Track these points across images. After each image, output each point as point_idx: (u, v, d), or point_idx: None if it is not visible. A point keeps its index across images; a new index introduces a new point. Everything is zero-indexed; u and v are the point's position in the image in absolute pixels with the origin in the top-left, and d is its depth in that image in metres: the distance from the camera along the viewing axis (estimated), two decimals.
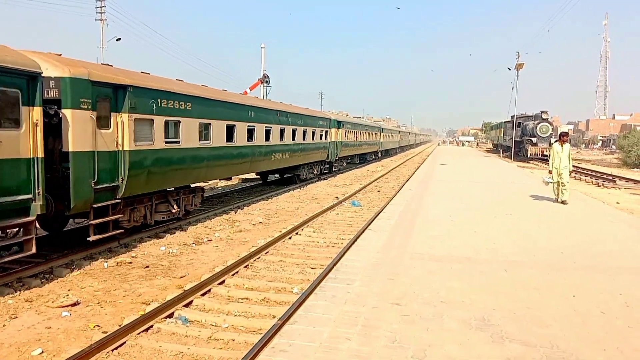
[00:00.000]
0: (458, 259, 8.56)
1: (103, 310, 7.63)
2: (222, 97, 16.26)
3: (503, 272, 7.79)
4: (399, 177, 30.58)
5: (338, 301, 6.38)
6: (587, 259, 8.71)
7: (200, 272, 9.62)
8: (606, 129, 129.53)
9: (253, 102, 19.33)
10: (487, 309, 6.14)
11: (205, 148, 14.50)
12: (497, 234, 10.63)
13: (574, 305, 6.35)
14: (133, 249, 11.20)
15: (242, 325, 7.08)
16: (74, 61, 10.00)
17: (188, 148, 13.46)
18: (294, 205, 18.54)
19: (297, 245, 12.00)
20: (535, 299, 6.56)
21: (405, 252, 8.99)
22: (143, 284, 8.94)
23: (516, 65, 48.39)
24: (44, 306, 7.67)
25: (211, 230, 13.54)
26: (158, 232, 12.80)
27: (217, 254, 11.21)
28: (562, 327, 5.61)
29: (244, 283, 8.95)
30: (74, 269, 9.56)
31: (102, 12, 43.75)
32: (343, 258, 8.77)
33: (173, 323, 7.08)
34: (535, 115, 49.76)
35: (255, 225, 14.48)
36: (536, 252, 9.07)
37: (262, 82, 46.95)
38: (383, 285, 7.06)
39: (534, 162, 45.49)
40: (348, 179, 29.78)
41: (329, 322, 5.68)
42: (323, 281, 7.46)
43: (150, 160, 11.79)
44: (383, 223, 11.83)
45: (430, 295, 6.66)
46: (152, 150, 11.85)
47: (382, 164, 45.92)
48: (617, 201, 19.39)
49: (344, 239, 12.32)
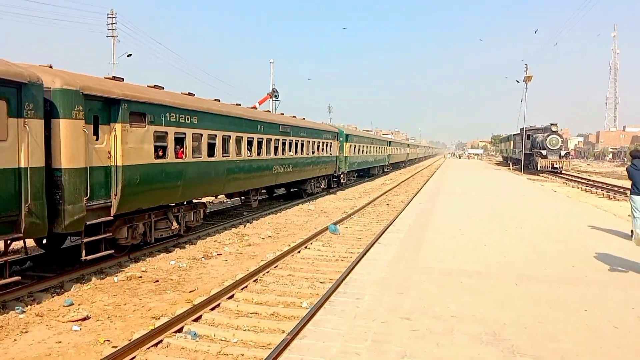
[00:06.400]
0: (468, 272, 8.51)
1: (113, 324, 7.65)
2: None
3: (514, 285, 7.73)
4: (408, 191, 30.50)
5: (347, 316, 6.36)
6: (598, 272, 8.61)
7: (209, 287, 9.63)
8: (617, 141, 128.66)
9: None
10: (498, 323, 6.09)
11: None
12: (507, 248, 10.55)
13: (586, 319, 6.28)
14: (143, 263, 11.24)
15: (252, 340, 7.06)
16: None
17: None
18: (303, 218, 18.54)
19: (307, 259, 11.98)
20: (546, 313, 6.50)
21: (415, 265, 8.95)
22: (153, 298, 8.96)
23: (525, 78, 48.32)
24: (54, 321, 7.71)
25: (220, 244, 13.57)
26: (168, 247, 12.85)
27: (227, 268, 11.22)
28: (574, 342, 5.54)
29: (253, 297, 8.94)
30: (85, 284, 9.61)
31: (113, 29, 44.40)
32: (352, 272, 8.75)
33: (182, 338, 7.08)
34: (545, 128, 49.54)
35: (264, 239, 14.49)
36: (547, 266, 8.99)
37: (271, 96, 47.27)
38: (393, 299, 7.03)
39: (544, 174, 45.22)
40: (357, 192, 29.76)
41: (339, 337, 5.65)
42: (332, 295, 7.44)
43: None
44: (392, 236, 11.80)
45: (440, 309, 6.61)
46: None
47: (391, 177, 45.84)
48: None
49: (353, 253, 12.28)
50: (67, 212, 9.11)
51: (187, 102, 13.24)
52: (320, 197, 25.95)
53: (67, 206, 9.10)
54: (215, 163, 14.61)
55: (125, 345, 6.52)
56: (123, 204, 10.53)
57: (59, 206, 9.04)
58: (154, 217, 12.20)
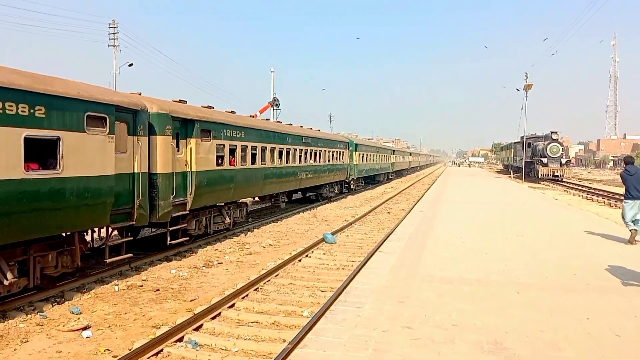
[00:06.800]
0: (469, 280, 8.49)
1: (113, 334, 7.64)
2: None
3: (515, 294, 7.71)
4: (409, 199, 30.49)
5: (348, 324, 6.34)
6: (600, 280, 8.60)
7: (210, 296, 9.61)
8: (617, 149, 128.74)
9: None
10: (499, 332, 6.07)
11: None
12: (508, 255, 10.54)
13: (588, 327, 6.26)
14: (144, 273, 11.22)
15: (253, 349, 7.04)
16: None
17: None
18: (303, 227, 18.53)
19: (307, 267, 11.97)
20: (548, 321, 6.48)
21: (416, 274, 8.93)
22: (153, 307, 8.94)
23: (525, 86, 48.44)
24: (54, 330, 7.69)
25: (221, 253, 13.56)
26: (169, 255, 12.85)
27: (227, 276, 11.21)
28: (576, 350, 5.52)
29: (254, 306, 8.92)
30: (85, 293, 9.60)
31: (115, 39, 44.61)
32: (353, 281, 8.74)
33: (183, 347, 7.06)
34: (545, 136, 49.63)
35: (265, 248, 14.48)
36: (548, 274, 8.98)
37: (272, 105, 47.43)
38: (394, 308, 7.01)
39: (545, 182, 45.22)
40: (358, 200, 29.75)
41: (340, 346, 5.64)
42: (333, 304, 7.43)
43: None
44: (393, 245, 11.79)
45: (441, 318, 6.60)
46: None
47: (392, 185, 45.85)
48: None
49: (354, 262, 12.26)
50: (161, 207, 11.68)
51: (237, 120, 16.53)
52: (320, 206, 25.95)
53: (160, 202, 11.65)
54: (256, 170, 17.67)
55: (126, 354, 6.50)
56: (195, 201, 13.22)
57: (154, 202, 11.53)
58: (212, 212, 14.98)
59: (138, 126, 10.73)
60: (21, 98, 7.85)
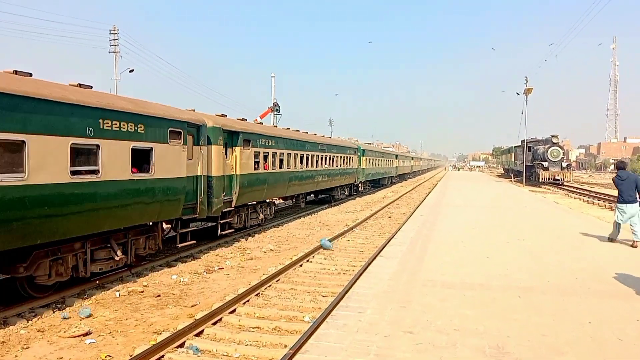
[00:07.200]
0: (471, 285, 8.48)
1: (114, 340, 7.62)
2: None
3: (517, 298, 7.69)
4: (410, 203, 30.48)
5: (350, 330, 6.33)
6: (602, 283, 8.58)
7: (211, 301, 9.59)
8: (618, 152, 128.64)
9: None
10: (501, 337, 6.05)
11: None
12: (510, 260, 10.52)
13: (590, 331, 6.24)
14: (144, 278, 11.21)
15: (254, 354, 7.03)
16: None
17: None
18: (304, 232, 18.51)
19: (309, 272, 11.95)
20: (550, 325, 6.46)
21: (417, 279, 8.92)
22: (154, 313, 8.93)
23: (525, 90, 48.45)
24: (55, 336, 7.68)
25: (222, 259, 13.55)
26: (169, 261, 12.84)
27: (228, 282, 11.19)
28: (578, 355, 5.51)
29: (255, 312, 8.91)
30: (86, 299, 9.59)
31: (116, 45, 44.68)
32: (355, 285, 8.72)
33: (184, 353, 7.05)
34: (546, 140, 49.61)
35: (266, 253, 14.46)
36: (550, 278, 8.96)
37: (273, 110, 47.48)
38: (395, 313, 7.00)
39: (545, 186, 45.17)
40: (359, 205, 29.73)
41: (341, 352, 5.62)
42: (335, 309, 7.41)
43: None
44: (394, 249, 11.77)
45: (443, 323, 6.58)
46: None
47: (393, 189, 45.82)
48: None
49: (355, 266, 12.25)
50: (215, 203, 14.10)
51: (269, 131, 19.68)
52: (321, 211, 25.96)
53: (214, 199, 14.05)
54: (282, 173, 20.22)
55: None
56: (239, 199, 15.93)
57: (210, 199, 13.87)
58: (249, 210, 17.64)
59: (201, 138, 13.26)
60: (130, 118, 10.31)
